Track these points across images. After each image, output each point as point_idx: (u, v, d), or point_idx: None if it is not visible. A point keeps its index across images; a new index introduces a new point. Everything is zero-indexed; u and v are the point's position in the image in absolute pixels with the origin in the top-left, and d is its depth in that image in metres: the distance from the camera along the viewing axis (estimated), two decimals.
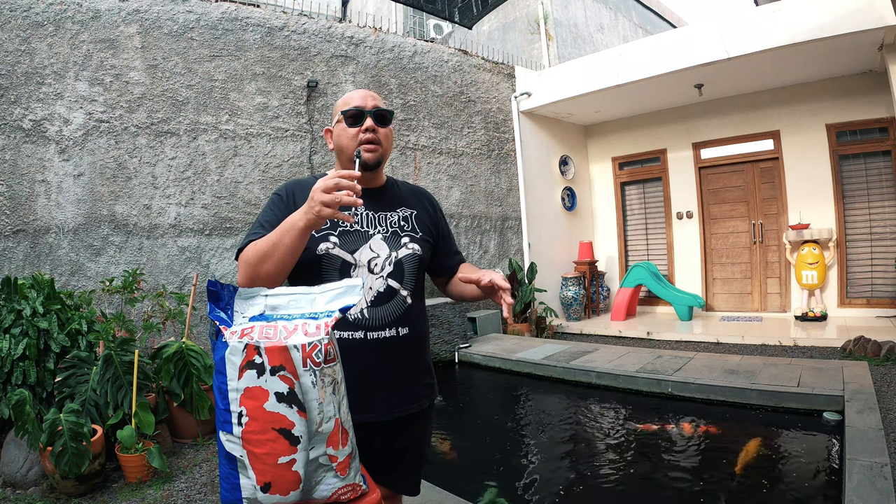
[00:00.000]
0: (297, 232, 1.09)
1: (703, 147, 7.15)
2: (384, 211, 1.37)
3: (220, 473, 0.98)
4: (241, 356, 0.92)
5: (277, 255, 1.12)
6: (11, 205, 3.90)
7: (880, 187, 5.99)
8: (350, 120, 1.32)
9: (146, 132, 4.41)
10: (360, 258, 1.28)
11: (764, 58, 5.29)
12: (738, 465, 2.80)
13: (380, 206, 1.37)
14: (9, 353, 2.85)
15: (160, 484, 2.82)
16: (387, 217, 1.36)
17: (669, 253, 7.47)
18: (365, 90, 1.38)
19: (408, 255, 1.33)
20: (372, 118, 1.32)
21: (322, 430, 0.95)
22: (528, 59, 8.42)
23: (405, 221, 1.38)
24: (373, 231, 1.32)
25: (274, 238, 1.13)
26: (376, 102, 1.34)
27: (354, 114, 1.31)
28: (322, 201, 1.03)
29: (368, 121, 1.31)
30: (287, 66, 5.18)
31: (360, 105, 1.32)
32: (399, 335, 1.29)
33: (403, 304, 1.32)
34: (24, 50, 4.01)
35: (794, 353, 4.92)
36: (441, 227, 1.48)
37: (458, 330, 5.38)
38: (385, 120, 1.34)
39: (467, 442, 3.55)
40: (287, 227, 1.11)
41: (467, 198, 6.59)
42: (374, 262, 1.29)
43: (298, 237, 1.10)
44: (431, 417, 1.45)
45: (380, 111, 1.33)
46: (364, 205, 1.29)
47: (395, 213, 1.38)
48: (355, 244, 1.29)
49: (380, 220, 1.35)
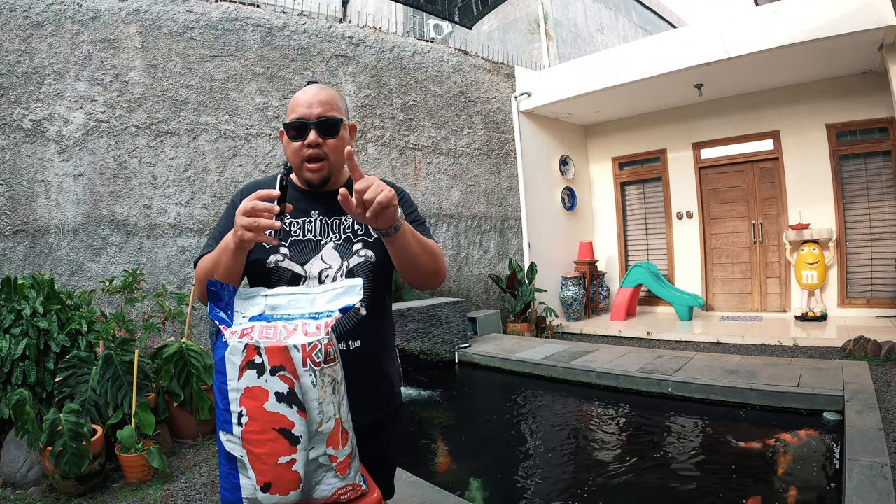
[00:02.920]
0: (231, 253, 1.05)
1: (703, 147, 7.15)
2: (339, 215, 1.25)
3: (220, 473, 0.98)
4: (241, 356, 0.92)
5: (220, 274, 1.09)
6: (11, 205, 3.90)
7: (880, 187, 5.99)
8: (293, 132, 1.18)
9: (146, 132, 4.41)
10: (310, 270, 1.19)
11: (764, 58, 5.29)
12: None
13: (334, 209, 1.24)
14: (9, 353, 2.85)
15: (160, 484, 2.82)
16: (341, 222, 1.25)
17: (669, 253, 7.48)
18: (315, 90, 1.20)
19: (359, 264, 1.22)
20: (316, 130, 1.16)
21: (322, 430, 0.95)
22: (528, 59, 8.42)
23: (359, 224, 1.25)
24: (325, 240, 1.23)
25: (215, 256, 1.10)
26: (322, 109, 1.17)
27: (296, 126, 1.17)
28: (242, 225, 0.98)
29: (311, 134, 1.16)
30: (287, 66, 5.18)
31: (303, 115, 1.17)
32: (350, 349, 1.20)
33: (356, 317, 1.22)
34: (24, 50, 4.01)
35: (794, 353, 4.92)
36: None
37: (458, 330, 5.38)
38: (332, 130, 1.18)
39: (467, 442, 3.55)
40: (223, 247, 1.07)
41: (467, 198, 6.59)
42: (326, 274, 1.20)
43: (233, 258, 1.06)
44: (396, 423, 1.35)
45: (325, 120, 1.17)
46: (317, 210, 1.25)
47: (349, 216, 1.24)
48: (306, 255, 1.21)
49: (333, 226, 1.24)
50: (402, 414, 1.40)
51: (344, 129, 1.23)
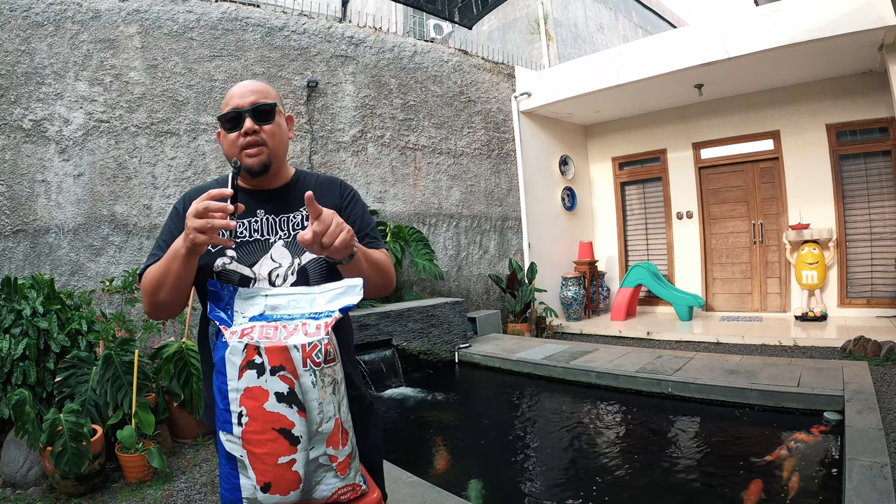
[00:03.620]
0: (181, 259, 1.03)
1: (703, 147, 7.15)
2: (286, 213, 1.22)
3: (220, 473, 0.98)
4: (242, 356, 0.92)
5: (170, 283, 1.06)
6: (11, 205, 3.90)
7: (880, 187, 5.99)
8: (228, 125, 1.18)
9: (146, 132, 4.41)
10: (259, 271, 1.16)
11: (764, 58, 5.29)
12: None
13: (281, 207, 1.23)
14: (9, 353, 2.85)
15: (160, 484, 2.82)
16: (289, 219, 1.22)
17: (669, 253, 7.48)
18: (248, 82, 1.22)
19: (312, 261, 1.18)
20: (251, 117, 1.17)
21: (322, 430, 0.95)
22: (528, 59, 8.42)
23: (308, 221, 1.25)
24: (273, 238, 1.20)
25: (164, 265, 1.07)
26: (256, 97, 1.18)
27: (231, 117, 1.18)
28: (195, 227, 0.96)
29: (247, 122, 1.16)
30: (287, 66, 5.18)
31: (236, 105, 1.17)
32: None
33: None
34: (24, 50, 4.01)
35: (794, 353, 4.92)
36: (347, 214, 1.26)
37: (457, 330, 5.38)
38: (267, 115, 1.19)
39: (467, 442, 3.55)
40: (172, 254, 1.05)
41: (467, 198, 6.59)
42: (276, 274, 1.17)
43: (184, 264, 1.04)
44: (368, 424, 1.29)
45: (258, 107, 1.17)
46: (263, 209, 1.23)
47: (298, 212, 1.23)
48: (254, 256, 1.17)
49: (281, 223, 1.21)
50: (374, 416, 1.34)
51: (279, 115, 1.23)
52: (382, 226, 5.56)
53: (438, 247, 6.27)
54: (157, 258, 1.14)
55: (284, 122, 1.26)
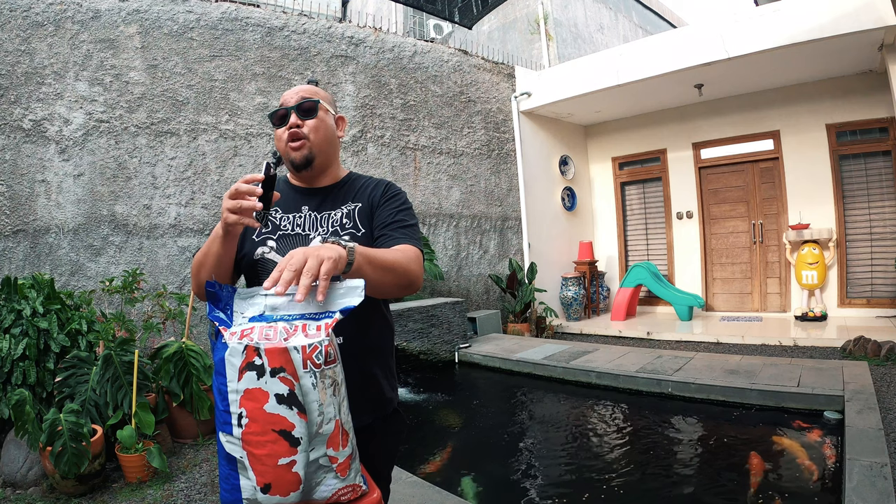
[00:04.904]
0: (219, 240, 1.09)
1: (703, 147, 7.15)
2: (328, 210, 1.27)
3: (220, 474, 0.97)
4: (241, 357, 0.92)
5: (210, 264, 1.12)
6: (11, 205, 3.90)
7: (880, 187, 5.99)
8: (278, 122, 1.25)
9: (146, 132, 4.41)
10: None
11: (764, 58, 5.29)
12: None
13: (325, 205, 1.28)
14: (9, 353, 2.85)
15: (160, 484, 2.82)
16: (329, 217, 1.26)
17: (669, 253, 7.48)
18: (300, 87, 1.29)
19: None
20: (295, 113, 1.23)
21: (322, 431, 0.95)
22: (528, 59, 8.42)
23: (348, 219, 1.26)
24: (312, 234, 1.24)
25: (206, 246, 1.14)
26: (303, 94, 1.25)
27: (281, 114, 1.25)
28: (227, 207, 1.02)
29: (291, 117, 1.23)
30: (287, 66, 5.17)
31: (284, 102, 1.25)
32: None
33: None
34: (24, 50, 4.00)
35: (794, 353, 4.92)
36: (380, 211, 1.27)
37: (458, 330, 5.38)
38: (310, 111, 1.24)
39: (467, 442, 3.55)
40: (213, 236, 1.11)
41: (467, 198, 6.58)
42: None
43: (222, 245, 1.09)
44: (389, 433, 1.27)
45: (303, 103, 1.24)
46: (307, 205, 1.27)
47: (339, 210, 1.27)
48: (292, 248, 1.16)
49: (321, 220, 1.25)
50: (399, 424, 1.32)
51: (325, 112, 1.27)
52: None
53: (438, 247, 6.27)
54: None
55: (332, 121, 1.31)
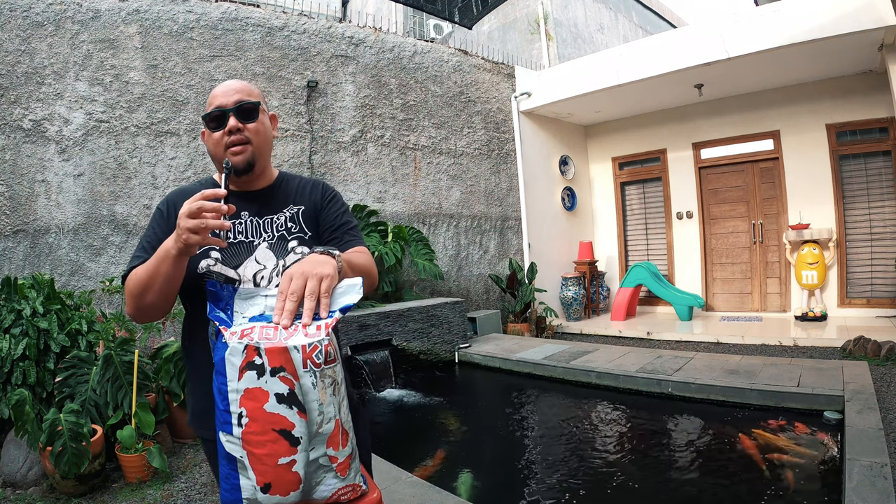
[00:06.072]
0: (171, 260, 1.01)
1: (703, 147, 7.15)
2: (270, 214, 1.22)
3: (220, 474, 0.97)
4: (241, 357, 0.92)
5: (157, 286, 1.05)
6: (11, 205, 3.90)
7: (880, 187, 5.99)
8: (213, 124, 1.18)
9: (146, 132, 4.41)
10: (244, 273, 1.15)
11: (764, 58, 5.29)
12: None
13: (266, 208, 1.22)
14: (9, 353, 2.85)
15: (160, 484, 2.82)
16: (273, 221, 1.21)
17: (669, 253, 7.47)
18: (231, 81, 1.22)
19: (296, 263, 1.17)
20: (235, 116, 1.16)
21: (322, 431, 0.95)
22: (528, 59, 8.42)
23: (293, 221, 1.23)
24: (257, 240, 1.19)
25: (151, 267, 1.05)
26: (240, 96, 1.18)
27: (216, 115, 1.17)
28: (188, 228, 0.95)
29: (231, 120, 1.16)
30: (287, 66, 5.18)
31: (220, 104, 1.17)
32: None
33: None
34: (24, 50, 4.00)
35: (794, 353, 4.92)
36: (325, 214, 1.26)
37: (457, 330, 5.38)
38: (251, 113, 1.18)
39: (467, 442, 3.55)
40: (162, 255, 1.02)
41: (467, 198, 6.58)
42: (261, 275, 1.15)
43: (174, 266, 1.02)
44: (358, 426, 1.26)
45: (241, 105, 1.17)
46: (247, 210, 1.22)
47: (282, 213, 1.22)
48: (238, 258, 1.16)
49: (265, 225, 1.21)
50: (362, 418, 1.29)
51: (263, 114, 1.23)
52: (382, 226, 5.56)
53: (438, 247, 6.27)
54: (142, 260, 1.11)
55: (268, 121, 1.26)
